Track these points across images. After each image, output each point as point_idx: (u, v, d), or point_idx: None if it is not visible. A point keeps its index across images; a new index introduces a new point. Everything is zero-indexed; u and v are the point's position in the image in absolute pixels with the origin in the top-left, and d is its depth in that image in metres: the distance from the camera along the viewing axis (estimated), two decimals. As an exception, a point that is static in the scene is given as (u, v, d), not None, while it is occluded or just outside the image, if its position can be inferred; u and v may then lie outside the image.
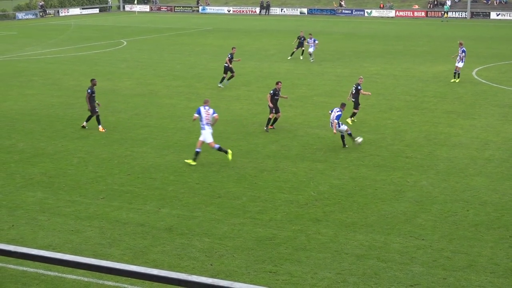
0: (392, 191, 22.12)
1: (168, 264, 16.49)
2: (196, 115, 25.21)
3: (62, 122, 31.98)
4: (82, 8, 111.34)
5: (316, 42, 52.52)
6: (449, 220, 19.43)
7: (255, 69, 48.28)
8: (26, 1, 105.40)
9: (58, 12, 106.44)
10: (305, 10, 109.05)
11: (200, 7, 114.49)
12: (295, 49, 54.36)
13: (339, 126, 27.34)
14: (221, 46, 62.91)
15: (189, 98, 37.93)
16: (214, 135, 25.76)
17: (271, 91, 30.32)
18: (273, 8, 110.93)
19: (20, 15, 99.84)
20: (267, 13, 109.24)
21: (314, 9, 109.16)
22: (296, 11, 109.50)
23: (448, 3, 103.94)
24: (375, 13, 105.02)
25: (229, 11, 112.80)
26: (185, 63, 52.04)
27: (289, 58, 54.06)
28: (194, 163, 24.94)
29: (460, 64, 42.98)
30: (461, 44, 43.55)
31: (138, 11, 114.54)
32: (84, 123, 30.63)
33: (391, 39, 70.33)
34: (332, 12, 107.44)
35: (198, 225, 19.10)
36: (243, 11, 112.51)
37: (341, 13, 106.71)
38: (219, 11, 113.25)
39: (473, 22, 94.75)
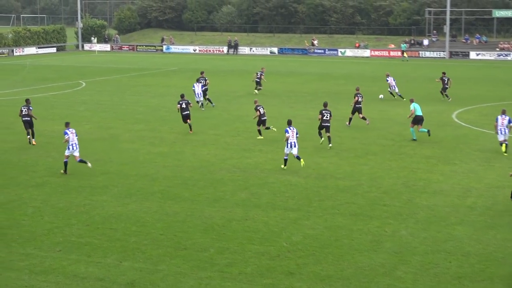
0: (369, 241, 22.11)
1: (130, 322, 16.25)
2: (66, 136, 30.67)
3: (16, 169, 31.67)
4: (38, 47, 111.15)
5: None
6: (430, 273, 19.43)
7: (223, 112, 48.35)
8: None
9: (12, 51, 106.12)
10: (275, 50, 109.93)
11: (164, 46, 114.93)
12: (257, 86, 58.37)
13: None
14: (186, 87, 62.94)
15: (153, 143, 37.82)
16: (180, 181, 25.65)
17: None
18: (242, 48, 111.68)
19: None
20: (235, 53, 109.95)
21: (285, 49, 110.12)
22: (266, 51, 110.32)
23: (425, 42, 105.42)
24: (349, 52, 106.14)
25: (195, 51, 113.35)
26: (148, 105, 51.97)
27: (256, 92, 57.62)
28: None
29: (396, 89, 55.09)
30: (388, 75, 55.64)
31: (98, 50, 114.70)
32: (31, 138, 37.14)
33: (367, 79, 70.96)
34: (304, 51, 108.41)
35: (162, 279, 18.90)
36: (210, 50, 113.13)
37: (314, 52, 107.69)
38: (184, 51, 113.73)
39: (452, 62, 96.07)
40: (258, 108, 38.72)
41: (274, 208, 25.74)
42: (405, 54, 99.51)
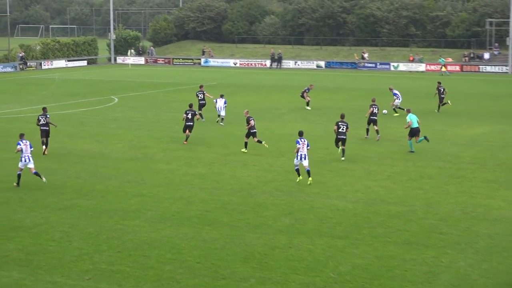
0: (424, 272, 21.95)
1: None
2: (19, 147, 32.97)
3: (43, 191, 31.98)
4: (68, 60, 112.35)
5: (225, 105, 53.02)
6: (491, 308, 19.23)
7: (265, 130, 48.36)
8: (4, 52, 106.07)
9: (40, 64, 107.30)
10: (322, 63, 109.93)
11: (203, 60, 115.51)
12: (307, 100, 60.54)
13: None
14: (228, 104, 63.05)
15: (189, 164, 37.98)
16: (219, 205, 25.74)
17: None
18: (286, 61, 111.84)
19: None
20: (278, 67, 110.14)
21: (333, 62, 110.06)
22: (312, 64, 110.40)
23: (486, 56, 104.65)
24: (403, 66, 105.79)
25: (235, 64, 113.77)
26: (184, 123, 52.11)
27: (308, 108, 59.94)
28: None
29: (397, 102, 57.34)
30: (391, 89, 58.66)
31: (131, 64, 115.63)
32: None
33: (421, 96, 70.58)
34: (353, 65, 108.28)
35: (198, 311, 18.92)
36: (251, 64, 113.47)
37: (364, 66, 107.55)
38: (224, 64, 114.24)
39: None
40: (249, 119, 41.07)
41: (320, 235, 25.67)
42: (443, 68, 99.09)
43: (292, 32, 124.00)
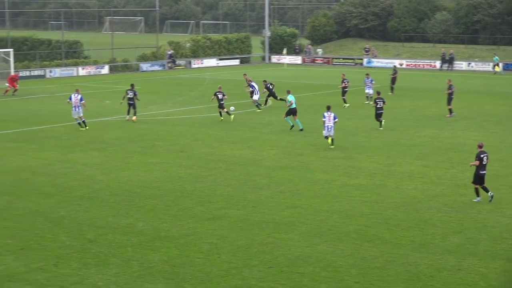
0: None
1: None
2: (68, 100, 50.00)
3: (191, 199, 32.70)
4: (220, 59, 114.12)
5: (373, 82, 67.25)
6: None
7: (433, 139, 47.87)
8: (152, 50, 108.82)
9: (190, 63, 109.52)
10: (500, 65, 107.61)
11: (365, 60, 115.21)
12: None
13: None
14: (389, 108, 62.72)
15: (349, 174, 37.96)
16: (380, 220, 25.63)
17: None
18: (458, 62, 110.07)
19: (144, 66, 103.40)
20: (450, 68, 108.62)
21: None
22: (488, 66, 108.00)
23: None
24: None
25: (401, 65, 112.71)
26: (344, 128, 52.10)
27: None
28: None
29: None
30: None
31: (287, 64, 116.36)
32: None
33: None
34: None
35: (356, 336, 18.94)
36: (419, 65, 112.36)
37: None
38: (388, 65, 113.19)
39: None
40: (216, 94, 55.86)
41: (494, 258, 25.22)
42: (496, 68, 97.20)
43: (465, 30, 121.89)
